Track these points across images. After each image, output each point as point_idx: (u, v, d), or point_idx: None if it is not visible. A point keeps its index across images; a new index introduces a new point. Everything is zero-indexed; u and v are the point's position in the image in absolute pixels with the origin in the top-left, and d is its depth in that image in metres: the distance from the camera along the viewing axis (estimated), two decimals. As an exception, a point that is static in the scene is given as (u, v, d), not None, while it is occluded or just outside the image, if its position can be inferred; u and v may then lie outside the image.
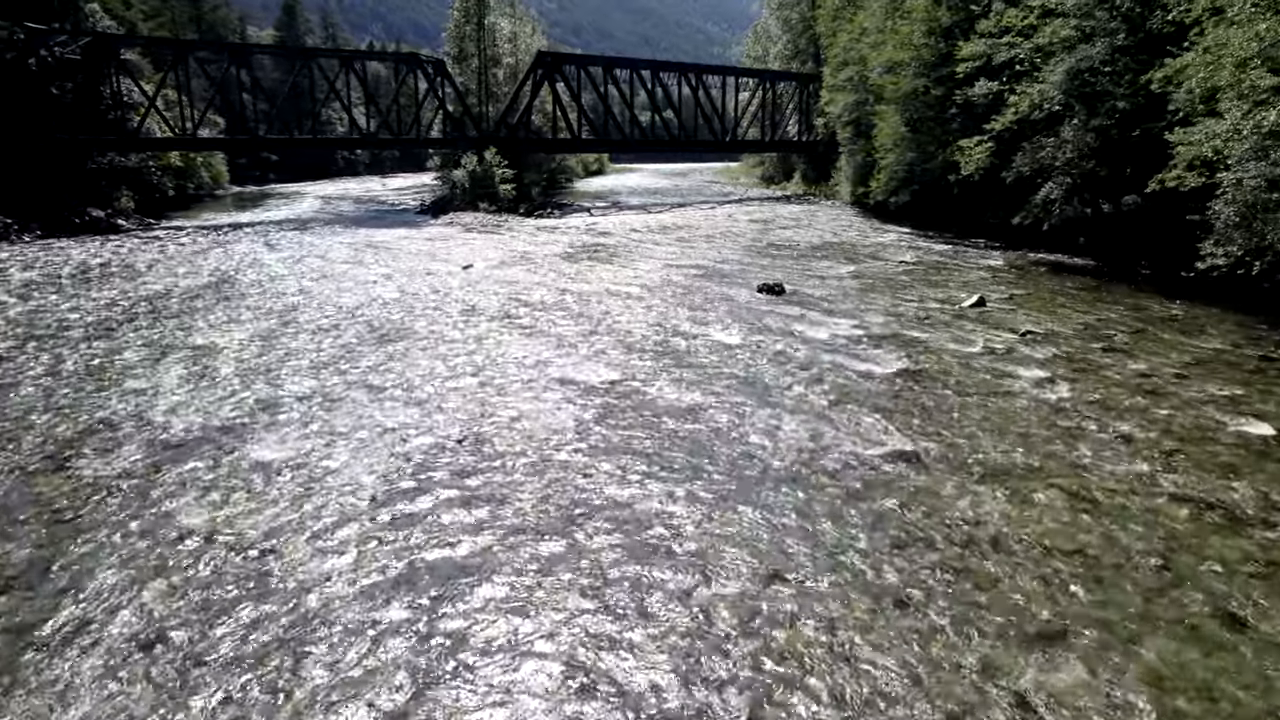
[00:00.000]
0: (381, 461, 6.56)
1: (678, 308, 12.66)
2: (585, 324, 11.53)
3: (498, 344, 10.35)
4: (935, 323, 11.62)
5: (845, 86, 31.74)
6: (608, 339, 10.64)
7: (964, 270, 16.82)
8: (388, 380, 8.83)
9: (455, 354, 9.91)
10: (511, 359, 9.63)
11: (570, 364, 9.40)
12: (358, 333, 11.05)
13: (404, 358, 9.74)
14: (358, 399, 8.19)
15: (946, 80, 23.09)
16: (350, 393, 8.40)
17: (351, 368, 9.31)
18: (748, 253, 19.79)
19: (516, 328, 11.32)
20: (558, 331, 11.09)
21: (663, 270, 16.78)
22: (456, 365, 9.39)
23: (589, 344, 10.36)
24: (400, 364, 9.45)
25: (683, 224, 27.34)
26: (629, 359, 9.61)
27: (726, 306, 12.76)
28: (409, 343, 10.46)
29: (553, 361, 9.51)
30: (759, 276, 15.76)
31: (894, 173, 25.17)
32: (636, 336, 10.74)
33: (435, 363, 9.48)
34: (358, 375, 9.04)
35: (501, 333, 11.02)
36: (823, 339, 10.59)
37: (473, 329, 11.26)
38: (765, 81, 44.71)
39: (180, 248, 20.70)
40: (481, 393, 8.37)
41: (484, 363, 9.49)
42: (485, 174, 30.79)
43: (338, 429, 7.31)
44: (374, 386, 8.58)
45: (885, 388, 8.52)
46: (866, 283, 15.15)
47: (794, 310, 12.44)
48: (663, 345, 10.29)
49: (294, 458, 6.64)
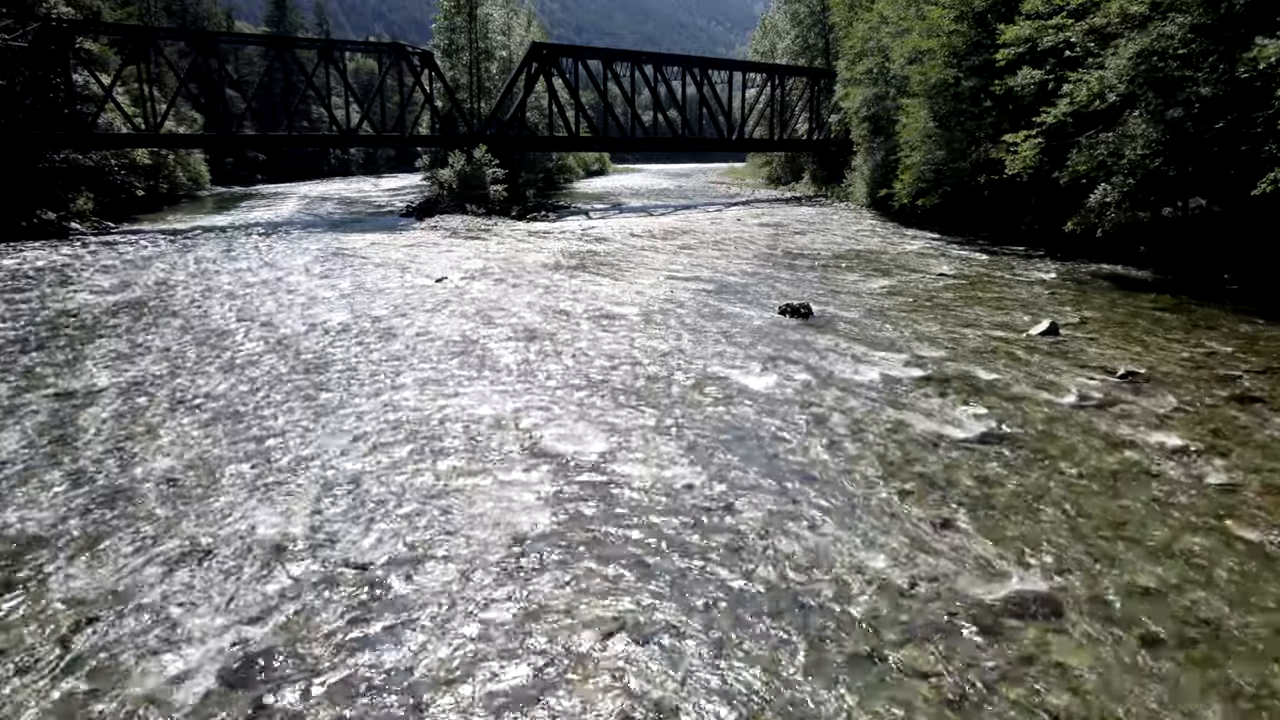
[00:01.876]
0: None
1: (684, 337, 10.38)
2: (567, 360, 9.26)
3: (449, 394, 8.07)
4: (1004, 357, 9.34)
5: (863, 80, 29.46)
6: (595, 384, 8.37)
7: (1013, 285, 14.52)
8: (280, 464, 6.56)
9: (393, 409, 7.64)
10: (462, 417, 7.36)
11: (541, 425, 7.13)
12: (275, 376, 8.78)
13: (324, 419, 7.47)
14: (215, 508, 5.94)
15: (981, 70, 20.80)
16: (214, 487, 6.14)
17: (239, 438, 7.04)
18: (761, 263, 17.50)
19: (479, 367, 9.05)
20: (531, 371, 8.82)
21: (666, 285, 14.51)
22: (388, 429, 7.12)
23: (569, 392, 8.08)
24: (314, 430, 7.18)
25: (687, 228, 25.07)
26: (621, 418, 7.33)
27: (743, 335, 10.47)
28: (339, 392, 8.19)
29: (517, 421, 7.24)
30: (778, 293, 13.48)
31: (920, 173, 22.85)
32: (632, 381, 8.47)
33: (362, 425, 7.21)
34: (241, 452, 6.77)
35: (458, 375, 8.75)
36: (871, 383, 8.31)
37: (424, 370, 9.00)
38: (774, 77, 42.42)
39: (126, 256, 18.47)
40: (414, 475, 6.11)
41: (425, 424, 7.21)
42: (474, 174, 28.57)
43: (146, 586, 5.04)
44: (254, 484, 6.31)
45: (971, 467, 6.22)
46: (905, 301, 12.86)
47: (826, 340, 10.16)
48: (666, 394, 8.01)
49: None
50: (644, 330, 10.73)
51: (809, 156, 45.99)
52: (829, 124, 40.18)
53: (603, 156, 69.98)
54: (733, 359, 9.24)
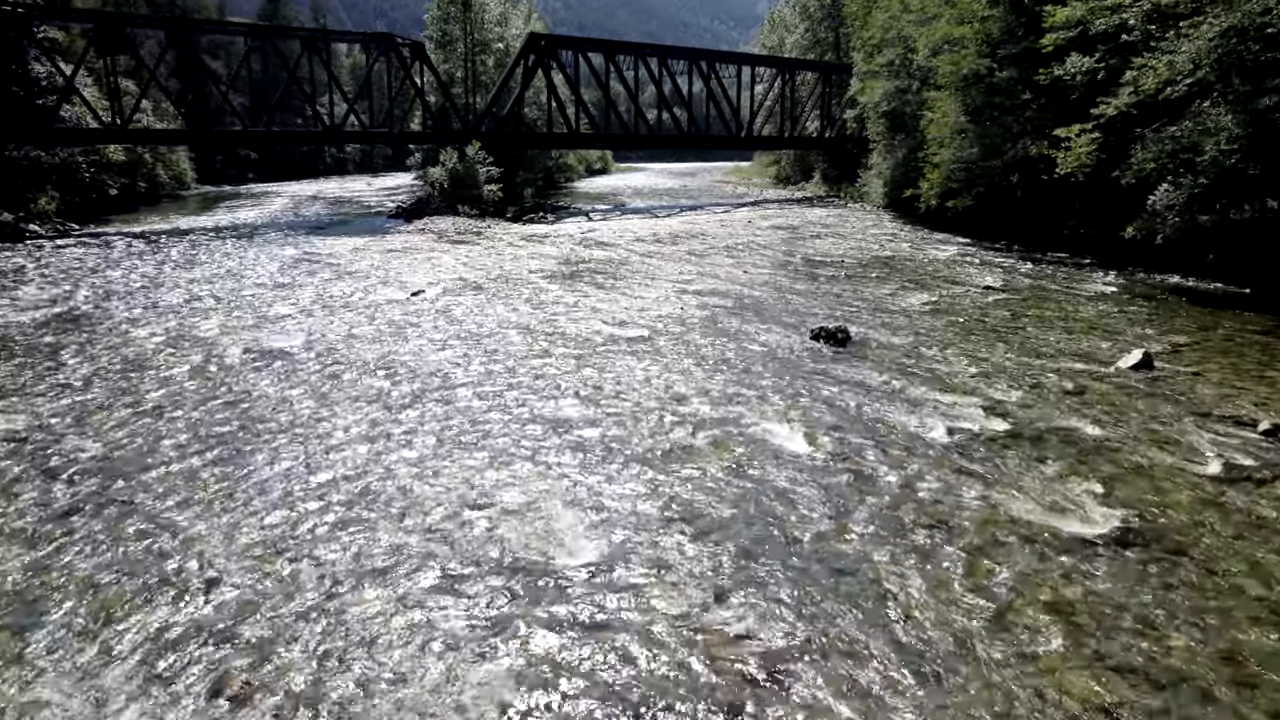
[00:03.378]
0: None
1: (697, 371, 8.54)
2: (551, 407, 7.43)
3: (385, 464, 6.24)
4: (1099, 401, 7.49)
5: (882, 73, 27.57)
6: (585, 446, 6.54)
7: (1073, 301, 12.66)
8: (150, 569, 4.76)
9: (330, 479, 5.83)
10: (406, 498, 5.54)
11: (515, 509, 5.31)
12: (168, 432, 6.97)
13: (236, 493, 5.67)
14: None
15: (1019, 59, 18.92)
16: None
17: (55, 546, 5.23)
18: (781, 272, 15.65)
19: (434, 418, 7.23)
20: (506, 421, 7.00)
21: (675, 299, 12.68)
22: (318, 510, 5.31)
23: (550, 457, 6.26)
24: (184, 533, 5.37)
25: (695, 231, 23.22)
26: (624, 499, 5.50)
27: (769, 369, 8.63)
28: (265, 454, 6.37)
29: (485, 502, 5.41)
30: (804, 310, 11.64)
31: (950, 172, 20.97)
32: (633, 437, 6.63)
33: (289, 512, 5.40)
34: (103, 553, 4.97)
35: (405, 429, 6.93)
36: (942, 442, 6.46)
37: (362, 423, 7.17)
38: (784, 72, 40.52)
39: (75, 263, 16.68)
40: (332, 602, 4.30)
41: (363, 506, 5.40)
42: (467, 173, 26.76)
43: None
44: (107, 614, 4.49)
45: (1120, 599, 4.38)
46: (955, 322, 11.00)
47: (873, 375, 8.31)
48: (676, 459, 6.18)
49: None
50: (648, 361, 8.89)
51: (819, 155, 44.10)
52: (843, 121, 38.28)
53: (605, 155, 68.10)
54: (759, 404, 7.40)
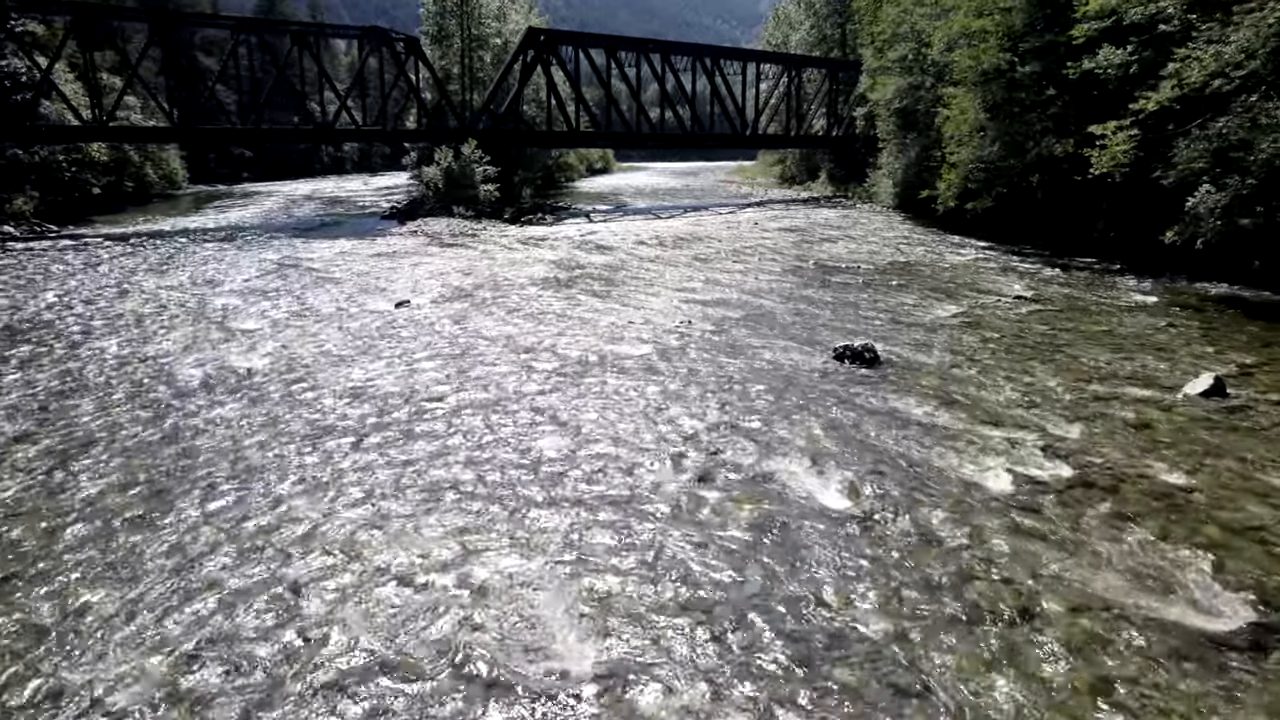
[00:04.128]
0: None
1: (709, 400, 7.53)
2: (540, 448, 6.42)
3: (348, 518, 5.25)
4: (1176, 438, 6.47)
5: (893, 68, 26.53)
6: (582, 499, 5.54)
7: (1114, 312, 11.63)
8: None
9: (265, 550, 4.84)
10: (352, 573, 4.54)
11: (489, 594, 4.31)
12: (113, 470, 5.98)
13: (143, 567, 4.67)
14: None
15: (1044, 52, 17.91)
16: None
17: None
18: (793, 279, 14.64)
19: (408, 461, 6.23)
20: (483, 468, 6.00)
21: (680, 310, 11.67)
22: (241, 594, 4.32)
23: (543, 514, 5.26)
24: (116, 587, 4.37)
25: (700, 234, 22.20)
26: (626, 579, 4.50)
27: (792, 398, 7.61)
28: (192, 511, 5.39)
29: (450, 584, 4.41)
30: (823, 323, 10.63)
31: (969, 171, 19.95)
32: (638, 489, 5.63)
33: (202, 601, 4.41)
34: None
35: (375, 472, 5.93)
36: (1005, 495, 5.45)
37: (332, 463, 6.18)
38: (790, 69, 39.46)
39: (43, 267, 15.70)
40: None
41: (296, 592, 4.41)
42: (462, 172, 25.76)
43: None
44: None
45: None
46: (992, 338, 9.98)
47: (910, 404, 7.30)
48: (693, 513, 5.18)
49: None
50: (651, 387, 7.88)
51: (825, 154, 43.07)
52: (851, 118, 37.21)
53: (606, 154, 67.10)
54: (781, 444, 6.39)
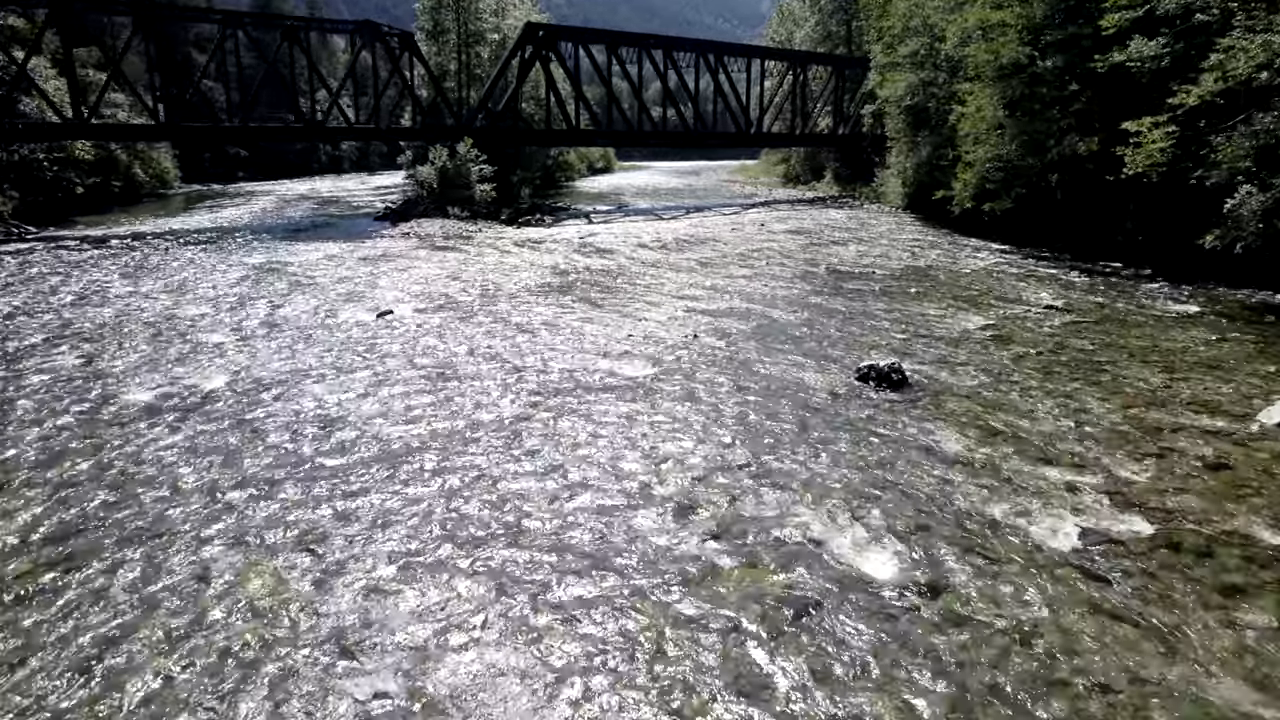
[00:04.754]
0: None
1: (717, 432, 6.65)
2: (524, 495, 5.55)
3: (295, 592, 4.38)
4: (1262, 483, 5.59)
5: (904, 64, 25.62)
6: (567, 568, 4.66)
7: (1157, 325, 10.74)
8: None
9: (187, 628, 3.96)
10: (283, 673, 3.67)
11: (452, 701, 3.43)
12: (27, 524, 5.11)
13: (36, 653, 3.80)
14: None
15: (1068, 45, 17.01)
16: None
17: None
18: (805, 285, 13.75)
19: (365, 513, 5.36)
20: (453, 524, 5.12)
21: (686, 322, 10.79)
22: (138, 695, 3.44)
23: (522, 588, 4.38)
24: None
25: (705, 236, 21.32)
26: (619, 683, 3.62)
27: (812, 429, 6.72)
28: (105, 583, 4.51)
29: (403, 689, 3.54)
30: (841, 337, 9.74)
31: (986, 171, 19.04)
32: (633, 549, 4.75)
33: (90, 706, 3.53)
34: None
35: (327, 529, 5.06)
36: (1066, 553, 4.56)
37: (282, 514, 5.31)
38: (795, 66, 38.55)
39: (13, 270, 14.84)
40: None
41: (221, 688, 3.53)
42: (457, 171, 24.88)
43: None
44: None
45: None
46: (1027, 355, 9.09)
47: (948, 437, 6.41)
48: (699, 584, 4.30)
49: None
50: (652, 415, 6.99)
51: (830, 153, 42.19)
52: (860, 116, 36.31)
53: (607, 153, 66.16)
54: (802, 489, 5.50)
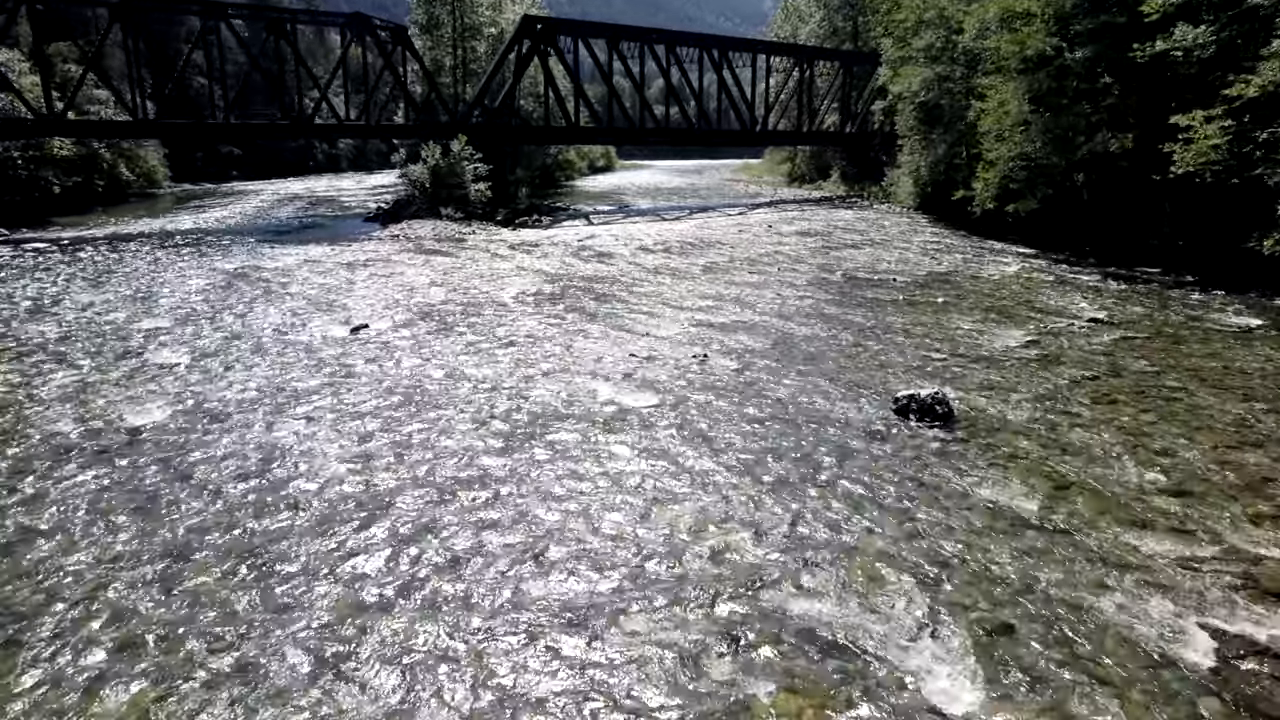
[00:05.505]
0: None
1: (742, 484, 5.57)
2: (501, 571, 4.46)
3: (192, 705, 3.29)
4: None
5: (918, 58, 24.48)
6: (551, 687, 3.57)
7: (1220, 340, 9.63)
8: None
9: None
10: None
11: None
12: None
13: None
14: None
15: (1100, 35, 15.91)
16: None
17: None
18: (822, 294, 12.66)
19: (302, 597, 4.27)
20: (410, 622, 4.04)
21: (692, 337, 9.70)
22: None
23: (495, 712, 3.30)
24: None
25: (710, 238, 20.23)
26: None
27: (852, 480, 5.63)
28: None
29: None
30: (871, 356, 8.65)
31: (1009, 170, 17.93)
32: (638, 670, 3.67)
33: None
34: None
35: (250, 615, 3.97)
36: (1213, 676, 3.48)
37: (202, 594, 4.23)
38: (801, 62, 37.41)
39: (-35, 279, 13.80)
40: None
41: None
42: (451, 170, 23.81)
43: None
44: None
45: None
46: (1083, 379, 7.99)
47: (1015, 491, 5.33)
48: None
49: None
50: (657, 461, 5.91)
51: (837, 152, 41.07)
52: (869, 113, 35.21)
53: (609, 151, 65.06)
54: (850, 569, 4.42)
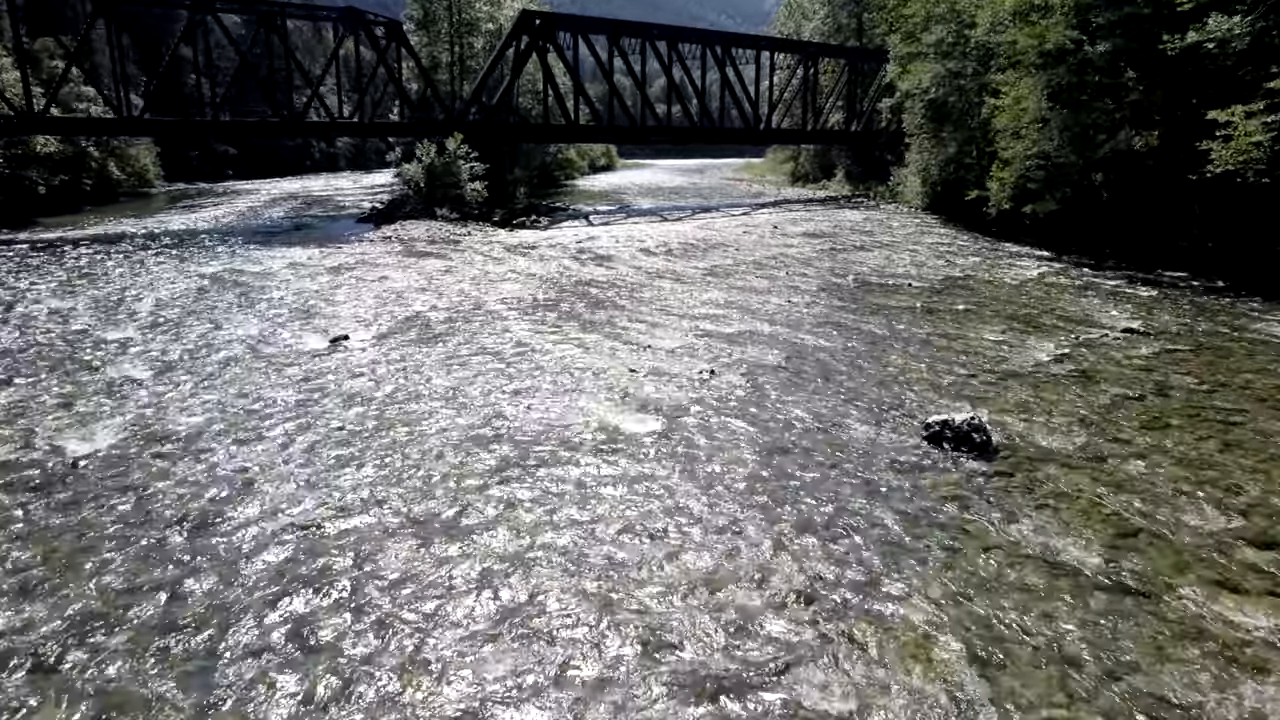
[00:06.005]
0: None
1: (758, 529, 4.84)
2: (474, 668, 3.75)
3: None
4: None
5: (929, 53, 23.74)
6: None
7: (1269, 356, 8.90)
8: None
9: None
10: None
11: None
12: None
13: None
14: None
15: (1123, 27, 15.18)
16: None
17: None
18: (834, 301, 11.93)
19: (232, 682, 3.55)
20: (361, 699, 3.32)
21: (698, 350, 8.98)
22: None
23: None
24: None
25: (715, 240, 19.51)
26: None
27: (886, 527, 4.91)
28: None
29: None
30: (893, 372, 7.92)
31: (1026, 169, 17.20)
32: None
33: None
34: None
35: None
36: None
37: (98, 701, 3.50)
38: (806, 59, 36.66)
39: (-70, 284, 13.11)
40: None
41: None
42: (446, 169, 23.09)
43: None
44: None
45: None
46: (1127, 399, 7.26)
47: (1078, 545, 4.61)
48: None
49: None
50: (661, 502, 5.18)
51: (841, 151, 40.34)
52: (874, 111, 34.46)
53: (610, 150, 64.30)
54: (896, 646, 3.70)
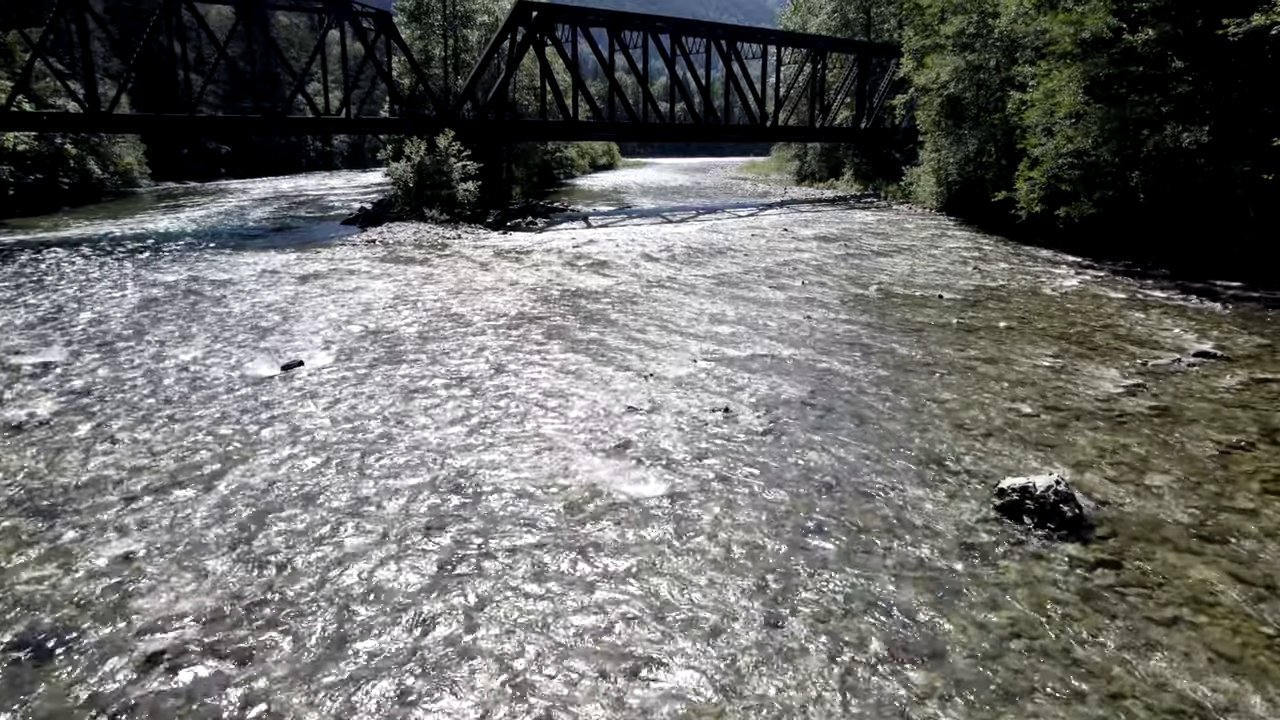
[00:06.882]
0: None
1: (792, 668, 3.60)
2: None
3: None
4: None
5: (947, 46, 22.44)
6: None
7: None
8: None
9: None
10: None
11: None
12: None
13: None
14: None
15: (1171, 12, 13.88)
16: None
17: None
18: (860, 316, 10.66)
19: None
20: None
21: (710, 381, 7.73)
22: None
23: None
24: None
25: (720, 244, 18.25)
26: None
27: (961, 648, 3.67)
28: None
29: None
30: (940, 410, 6.65)
31: (1058, 168, 15.89)
32: None
33: None
34: None
35: None
36: None
37: None
38: (814, 54, 35.35)
39: None
40: None
41: None
42: (437, 168, 21.84)
43: None
44: None
45: None
46: (1227, 445, 6.00)
47: (1225, 682, 3.37)
48: None
49: None
50: (665, 612, 3.95)
51: (849, 149, 39.06)
52: (885, 108, 33.18)
53: (611, 148, 62.92)
54: None
